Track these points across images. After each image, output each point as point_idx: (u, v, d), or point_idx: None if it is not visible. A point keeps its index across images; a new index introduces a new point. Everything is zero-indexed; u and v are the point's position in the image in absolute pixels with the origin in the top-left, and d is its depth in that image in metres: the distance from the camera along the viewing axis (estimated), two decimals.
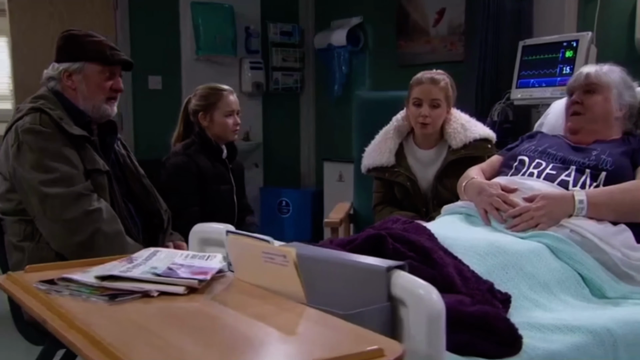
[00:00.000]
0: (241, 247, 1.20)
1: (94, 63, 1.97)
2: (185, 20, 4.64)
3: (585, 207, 1.67)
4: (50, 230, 1.82)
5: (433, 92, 2.32)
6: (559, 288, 1.52)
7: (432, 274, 1.32)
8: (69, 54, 1.97)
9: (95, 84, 1.98)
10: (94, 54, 1.97)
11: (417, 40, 4.27)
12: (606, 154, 1.82)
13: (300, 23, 5.29)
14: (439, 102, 2.32)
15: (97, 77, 1.98)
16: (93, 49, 1.97)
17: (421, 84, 2.34)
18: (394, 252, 1.39)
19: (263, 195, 4.98)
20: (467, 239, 1.61)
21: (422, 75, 2.38)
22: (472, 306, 1.19)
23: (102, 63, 1.98)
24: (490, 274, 1.48)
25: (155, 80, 4.58)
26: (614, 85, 1.91)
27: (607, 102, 1.92)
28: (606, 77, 1.92)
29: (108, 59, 1.99)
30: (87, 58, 1.96)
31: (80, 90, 1.96)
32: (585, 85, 1.95)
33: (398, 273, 1.08)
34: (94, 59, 1.97)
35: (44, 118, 1.86)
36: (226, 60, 4.80)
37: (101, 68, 1.98)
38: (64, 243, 1.81)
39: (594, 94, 1.93)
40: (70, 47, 1.98)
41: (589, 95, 1.94)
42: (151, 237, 2.12)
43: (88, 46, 1.97)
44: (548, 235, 1.64)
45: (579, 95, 1.96)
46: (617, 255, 1.59)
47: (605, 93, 1.91)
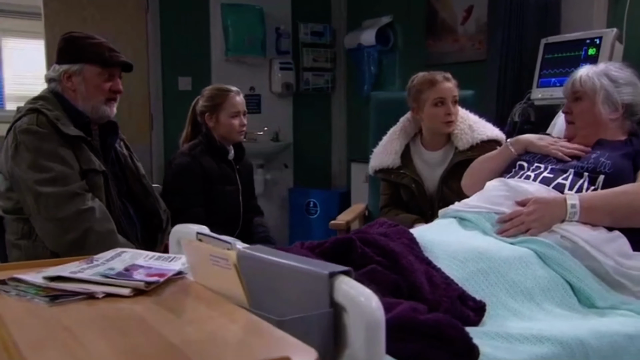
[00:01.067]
0: (194, 249, 1.19)
1: (93, 65, 2.01)
2: (215, 22, 4.69)
3: (577, 211, 1.60)
4: (44, 229, 1.86)
5: (454, 90, 2.32)
6: (543, 297, 1.46)
7: (395, 279, 1.29)
8: (69, 55, 2.02)
9: (94, 86, 2.02)
10: (92, 56, 2.01)
11: (445, 39, 4.19)
12: (605, 156, 1.73)
13: (332, 23, 5.27)
14: (457, 98, 2.31)
15: (96, 79, 2.02)
16: (92, 50, 2.01)
17: (438, 82, 2.32)
18: (362, 257, 1.37)
19: (292, 196, 4.99)
20: (451, 243, 1.56)
21: (431, 76, 2.34)
22: (426, 314, 1.14)
23: (100, 65, 2.02)
24: (469, 281, 1.43)
25: (185, 81, 4.63)
26: (600, 88, 1.83)
27: (593, 107, 1.85)
28: (591, 82, 1.85)
29: (107, 61, 2.03)
30: (86, 60, 2.01)
31: (80, 91, 2.01)
32: (572, 93, 1.91)
33: (341, 279, 1.05)
34: (92, 61, 2.01)
35: (40, 118, 1.90)
36: (256, 61, 4.83)
37: (100, 70, 2.02)
38: (57, 241, 1.85)
39: (580, 101, 1.89)
40: (70, 49, 2.02)
41: (576, 103, 1.90)
42: (150, 237, 2.15)
43: (87, 48, 2.02)
44: (537, 242, 1.57)
45: (568, 103, 1.93)
46: (609, 263, 1.51)
47: (591, 98, 1.85)
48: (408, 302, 1.17)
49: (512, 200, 1.72)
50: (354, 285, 1.04)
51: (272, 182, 4.97)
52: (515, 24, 3.10)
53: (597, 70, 1.90)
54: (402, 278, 1.31)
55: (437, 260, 1.49)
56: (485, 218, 1.73)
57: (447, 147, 2.38)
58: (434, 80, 2.33)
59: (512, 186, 1.76)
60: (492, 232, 1.68)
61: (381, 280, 1.28)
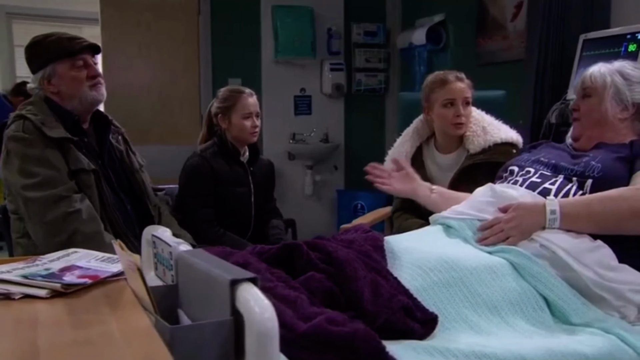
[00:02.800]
0: (119, 252, 1.19)
1: (61, 60, 2.00)
2: (266, 24, 4.73)
3: (558, 218, 1.48)
4: (34, 232, 1.90)
5: (465, 90, 2.23)
6: (511, 310, 1.35)
7: (330, 287, 1.24)
8: (38, 61, 2.03)
9: (71, 79, 2.01)
10: (57, 52, 2.00)
11: (495, 37, 4.02)
12: (597, 159, 1.60)
13: (386, 23, 5.19)
14: (469, 99, 2.20)
15: (70, 72, 2.01)
16: (54, 48, 2.01)
17: (448, 82, 2.23)
18: (307, 263, 1.32)
19: (340, 197, 4.95)
20: (421, 252, 1.49)
21: (443, 75, 2.25)
22: (346, 325, 1.08)
23: (68, 57, 2.01)
24: (427, 291, 1.35)
25: (235, 82, 4.69)
26: (610, 85, 1.69)
27: (601, 104, 1.72)
28: (602, 78, 1.73)
29: (71, 51, 2.01)
30: (53, 58, 2.00)
31: (62, 90, 2.02)
32: (581, 90, 1.79)
33: (244, 287, 1.01)
34: (59, 57, 2.00)
35: (26, 124, 1.93)
36: (305, 62, 4.83)
37: (70, 62, 2.01)
38: (46, 244, 1.85)
39: (589, 98, 1.77)
40: (36, 55, 2.03)
41: (585, 100, 1.78)
42: None
43: (49, 47, 2.01)
44: (513, 251, 1.47)
45: (577, 100, 1.81)
46: (588, 275, 1.38)
47: (600, 95, 1.71)
48: (329, 313, 1.11)
49: (496, 206, 1.62)
50: (254, 294, 1.00)
51: (321, 184, 4.96)
52: (555, 19, 2.91)
53: (610, 67, 1.76)
54: (342, 286, 1.25)
55: (401, 269, 1.43)
56: (467, 225, 1.64)
57: (459, 150, 2.27)
58: (445, 80, 2.23)
59: (497, 192, 1.65)
60: (474, 239, 1.59)
61: (316, 288, 1.23)
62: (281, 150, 4.86)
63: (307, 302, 1.17)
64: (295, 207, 4.82)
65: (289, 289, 1.22)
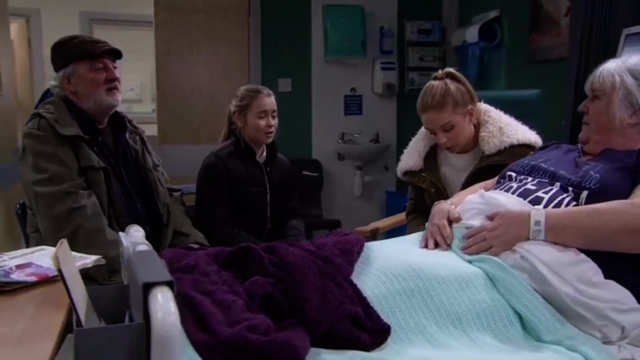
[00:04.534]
0: None
1: (82, 61, 2.07)
2: (317, 23, 4.71)
3: (542, 229, 1.37)
4: (42, 226, 1.97)
5: (439, 119, 2.08)
6: (476, 324, 1.27)
7: (270, 292, 1.20)
8: (60, 61, 2.10)
9: (89, 80, 2.08)
10: (79, 54, 2.07)
11: (549, 33, 3.81)
12: (597, 169, 1.47)
13: (443, 20, 5.05)
14: (450, 124, 2.07)
15: (89, 73, 2.08)
16: (77, 49, 2.08)
17: (424, 112, 2.11)
18: (258, 267, 1.29)
19: (389, 198, 4.86)
20: (395, 258, 1.43)
21: (422, 100, 2.13)
22: (263, 333, 1.04)
23: (88, 59, 2.08)
24: (388, 300, 1.30)
25: (284, 82, 4.71)
26: (619, 86, 1.54)
27: (609, 107, 1.58)
28: (612, 78, 1.58)
29: (92, 54, 2.08)
30: (75, 59, 2.08)
31: (80, 90, 2.09)
32: (590, 91, 1.65)
33: (157, 290, 0.99)
34: (80, 58, 2.07)
35: (41, 122, 2.01)
36: (356, 61, 4.78)
37: (90, 64, 2.08)
38: (52, 238, 1.92)
39: (598, 100, 1.63)
40: (60, 55, 2.11)
41: (593, 102, 1.64)
42: (158, 231, 2.21)
43: (72, 48, 2.08)
44: (491, 261, 1.38)
45: (587, 102, 1.67)
46: (566, 291, 1.27)
47: (609, 97, 1.57)
48: (255, 320, 1.08)
49: (485, 213, 1.52)
50: (162, 298, 0.98)
51: (371, 184, 4.89)
52: (599, 14, 2.72)
53: (621, 66, 1.61)
54: (289, 292, 1.21)
55: (367, 276, 1.37)
56: (455, 232, 1.55)
57: (475, 151, 2.16)
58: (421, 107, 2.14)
59: (486, 198, 1.56)
60: (459, 247, 1.50)
61: (256, 293, 1.20)
62: (330, 150, 4.83)
63: (243, 307, 1.14)
64: (343, 208, 4.79)
65: (230, 293, 1.20)
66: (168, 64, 4.52)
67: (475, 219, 1.54)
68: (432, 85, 2.16)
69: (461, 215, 1.60)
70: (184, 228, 2.28)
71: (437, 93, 2.10)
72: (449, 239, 1.54)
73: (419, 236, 1.65)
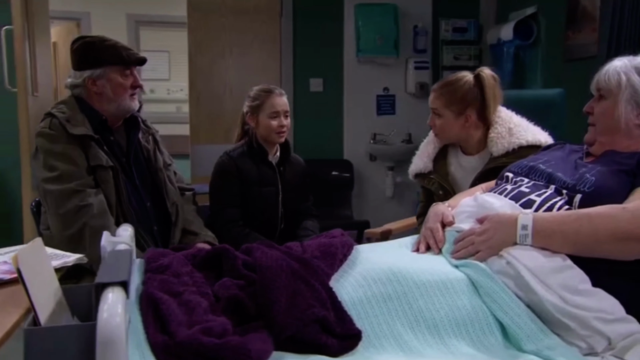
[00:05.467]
0: None
1: (114, 66, 2.12)
2: (349, 23, 4.68)
3: (529, 234, 1.31)
4: (51, 224, 2.02)
5: (432, 100, 2.19)
6: (454, 331, 1.23)
7: (235, 294, 1.18)
8: (89, 61, 2.13)
9: (117, 85, 2.13)
10: (112, 58, 2.12)
11: (585, 29, 3.67)
12: (593, 172, 1.40)
13: (480, 18, 4.94)
14: (437, 111, 2.06)
15: (119, 79, 2.13)
16: (111, 53, 2.12)
17: (431, 91, 2.12)
18: (231, 268, 1.28)
19: None
20: (377, 262, 1.40)
21: (439, 80, 2.15)
22: (218, 336, 1.03)
23: (121, 65, 2.13)
24: (365, 304, 1.27)
25: (316, 82, 4.71)
26: (625, 85, 1.46)
27: (615, 107, 1.50)
28: (617, 77, 1.50)
29: (126, 60, 2.13)
30: (107, 62, 2.12)
31: (106, 93, 2.13)
32: (596, 91, 1.58)
33: (108, 291, 0.99)
34: (113, 62, 2.12)
35: (53, 122, 2.06)
36: (388, 61, 4.72)
37: (121, 69, 2.13)
38: (60, 236, 1.97)
39: (604, 99, 1.55)
40: (89, 55, 2.14)
41: (599, 102, 1.57)
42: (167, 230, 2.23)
43: (106, 51, 2.12)
44: (475, 267, 1.34)
45: (592, 102, 1.60)
46: (550, 299, 1.21)
47: (615, 97, 1.50)
48: (212, 323, 1.07)
49: (476, 216, 1.47)
50: (115, 299, 0.98)
51: (402, 185, 4.82)
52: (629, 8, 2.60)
53: (628, 64, 1.53)
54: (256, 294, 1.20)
55: (347, 279, 1.35)
56: (447, 236, 1.51)
57: (484, 152, 2.10)
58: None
59: (479, 201, 1.50)
60: (449, 251, 1.45)
61: (223, 294, 1.19)
62: (362, 151, 4.79)
63: (206, 309, 1.14)
64: (374, 209, 4.73)
65: (198, 294, 1.19)
66: (201, 65, 4.58)
67: (466, 222, 1.49)
68: (457, 73, 2.20)
69: (455, 218, 1.55)
70: (193, 226, 2.30)
71: (446, 80, 2.15)
72: (441, 242, 1.49)
73: (414, 239, 1.61)
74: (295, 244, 1.53)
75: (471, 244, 1.39)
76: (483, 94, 2.10)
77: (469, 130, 2.11)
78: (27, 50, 3.56)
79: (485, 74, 2.14)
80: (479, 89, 2.11)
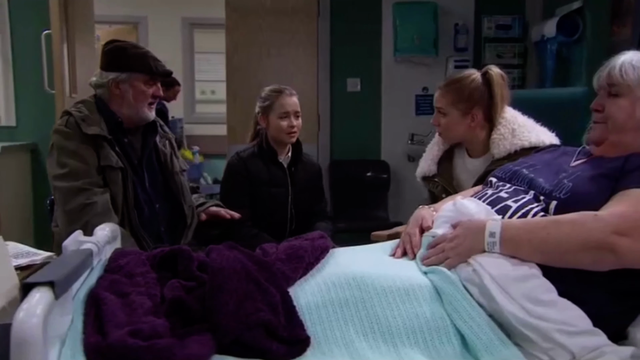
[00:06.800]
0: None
1: (141, 74, 2.17)
2: (387, 22, 4.61)
3: (497, 241, 1.24)
4: (59, 220, 2.08)
5: (437, 98, 2.11)
6: (408, 339, 1.18)
7: (179, 296, 1.17)
8: (117, 64, 2.18)
9: (139, 92, 2.18)
10: (140, 66, 2.17)
11: (628, 23, 3.47)
12: (572, 177, 1.31)
13: (526, 14, 4.76)
14: (442, 110, 1.97)
15: (142, 86, 2.18)
16: (140, 61, 2.17)
17: (438, 87, 2.02)
18: (185, 269, 1.27)
19: None
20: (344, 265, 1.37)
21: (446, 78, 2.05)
22: (146, 338, 1.01)
23: (147, 74, 2.18)
24: (321, 309, 1.25)
25: (353, 82, 4.66)
26: None
27: (635, 107, 1.39)
28: (634, 74, 1.37)
29: (152, 70, 2.18)
30: (134, 69, 2.17)
31: (127, 98, 2.18)
32: (607, 86, 1.44)
33: (35, 290, 0.99)
34: (140, 70, 2.17)
35: (69, 120, 2.12)
36: (426, 60, 4.62)
37: (147, 78, 2.18)
38: (65, 232, 2.02)
39: (618, 97, 1.42)
40: (119, 59, 2.18)
41: (612, 99, 1.44)
42: (179, 232, 2.24)
43: (135, 58, 2.18)
44: (441, 274, 1.28)
45: (601, 99, 1.47)
46: (511, 309, 1.15)
47: (634, 95, 1.39)
48: (142, 325, 1.05)
49: (452, 222, 1.40)
50: (38, 299, 0.98)
51: None
52: None
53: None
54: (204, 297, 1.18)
55: (309, 283, 1.32)
56: (423, 241, 1.45)
57: (489, 155, 2.01)
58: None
59: (457, 206, 1.43)
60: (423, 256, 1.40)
61: (168, 296, 1.17)
62: (400, 151, 4.71)
63: (148, 310, 1.13)
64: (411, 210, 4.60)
65: (145, 295, 1.18)
66: (238, 65, 4.61)
67: (442, 227, 1.43)
68: (464, 71, 2.15)
69: (434, 222, 1.49)
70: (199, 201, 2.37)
71: (453, 78, 2.10)
72: (416, 248, 1.44)
73: (395, 244, 1.56)
74: (272, 245, 1.51)
75: (442, 251, 1.32)
76: (491, 93, 2.01)
77: (474, 131, 2.03)
78: (65, 53, 3.68)
79: (493, 72, 2.05)
80: (487, 88, 2.02)
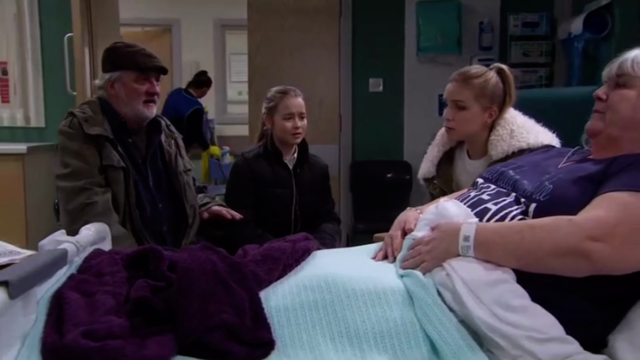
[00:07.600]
0: None
1: (129, 71, 2.19)
2: (410, 21, 4.56)
3: (471, 245, 1.20)
4: (61, 219, 2.11)
5: (456, 91, 1.95)
6: (375, 344, 1.16)
7: (142, 296, 1.17)
8: (110, 64, 2.23)
9: (131, 89, 2.20)
10: (128, 63, 2.19)
11: None
12: (554, 179, 1.25)
13: (554, 11, 4.64)
14: (462, 103, 1.91)
15: (132, 83, 2.20)
16: (128, 58, 2.20)
17: (452, 81, 1.95)
18: (155, 269, 1.27)
19: None
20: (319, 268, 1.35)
21: (458, 71, 1.96)
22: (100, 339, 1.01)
23: (136, 70, 2.19)
24: (290, 312, 1.24)
25: (375, 82, 4.62)
26: None
27: (639, 100, 1.32)
28: None
29: (141, 66, 2.19)
30: (124, 67, 2.20)
31: (121, 96, 2.21)
32: (616, 77, 1.38)
33: None
34: (128, 67, 2.20)
35: (73, 121, 2.15)
36: (450, 59, 4.53)
37: (136, 75, 2.20)
38: (67, 231, 2.06)
39: (624, 88, 1.35)
40: (111, 59, 2.24)
41: (617, 90, 1.37)
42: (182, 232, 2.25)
43: (124, 56, 2.21)
44: (415, 278, 1.25)
45: (606, 89, 1.41)
46: (480, 314, 1.11)
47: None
48: (97, 325, 1.05)
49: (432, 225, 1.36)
50: None
51: None
52: None
53: None
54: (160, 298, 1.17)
55: (282, 286, 1.31)
56: (404, 244, 1.41)
57: (487, 156, 1.96)
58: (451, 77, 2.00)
59: (439, 209, 1.39)
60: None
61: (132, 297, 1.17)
62: (422, 152, 4.60)
63: (110, 309, 1.13)
64: None
65: (110, 294, 1.18)
66: (260, 66, 4.62)
67: (423, 230, 1.39)
68: (474, 67, 2.10)
69: (417, 225, 1.45)
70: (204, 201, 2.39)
71: (471, 73, 2.03)
72: (397, 251, 1.40)
73: (379, 246, 1.53)
74: (254, 246, 1.49)
75: (418, 254, 1.29)
76: (506, 91, 1.96)
77: (484, 128, 1.96)
78: (87, 55, 3.75)
79: (508, 71, 2.00)
80: (503, 86, 1.97)
